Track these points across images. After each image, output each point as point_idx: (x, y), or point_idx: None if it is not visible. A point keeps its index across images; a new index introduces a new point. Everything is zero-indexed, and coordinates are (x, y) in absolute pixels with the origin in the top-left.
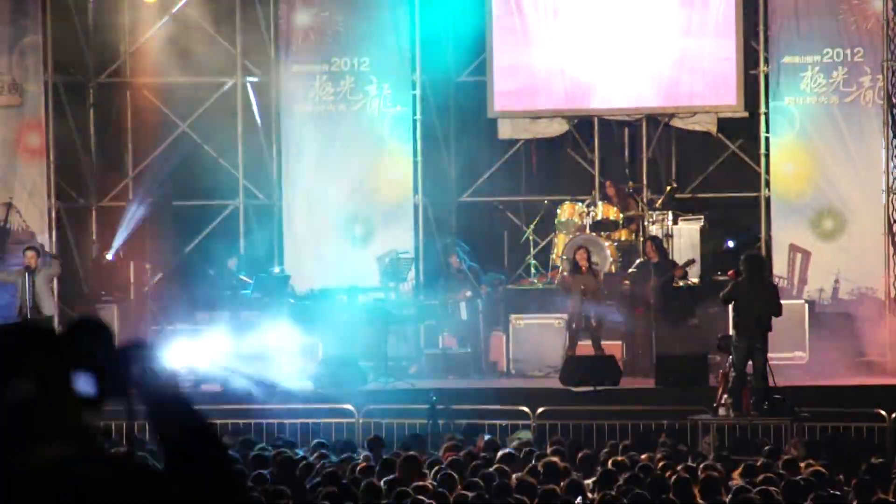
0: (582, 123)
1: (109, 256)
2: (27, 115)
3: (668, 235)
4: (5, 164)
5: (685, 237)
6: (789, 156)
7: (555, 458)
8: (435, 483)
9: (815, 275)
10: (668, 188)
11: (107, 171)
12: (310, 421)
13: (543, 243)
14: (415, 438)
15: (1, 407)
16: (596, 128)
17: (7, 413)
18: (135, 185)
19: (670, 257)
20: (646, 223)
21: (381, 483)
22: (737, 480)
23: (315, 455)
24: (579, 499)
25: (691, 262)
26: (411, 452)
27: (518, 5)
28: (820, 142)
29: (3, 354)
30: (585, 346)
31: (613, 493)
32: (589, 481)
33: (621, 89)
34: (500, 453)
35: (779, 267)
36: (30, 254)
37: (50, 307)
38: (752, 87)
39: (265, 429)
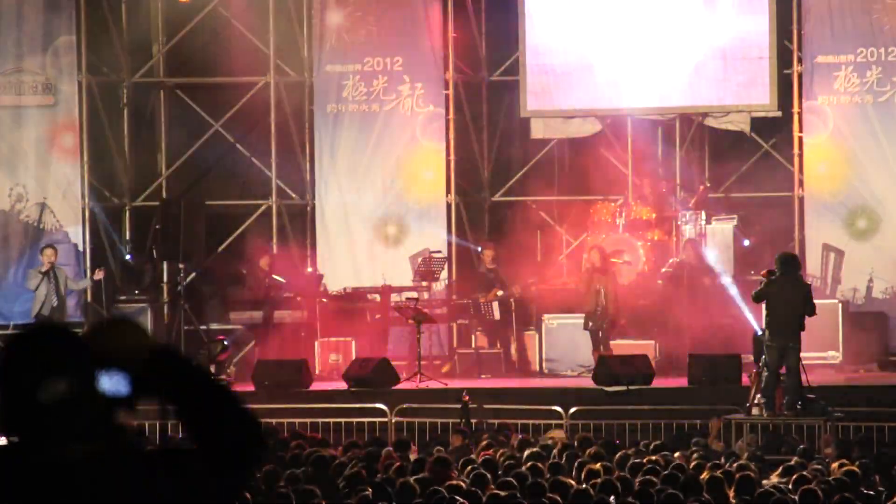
0: (615, 123)
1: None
2: (61, 115)
3: (702, 235)
4: (39, 164)
5: (718, 237)
6: (823, 155)
7: (590, 459)
8: (468, 482)
9: (849, 274)
10: (702, 188)
11: (140, 171)
12: (342, 420)
13: (576, 243)
14: (447, 438)
15: (35, 407)
16: (629, 127)
17: (41, 413)
18: (168, 185)
19: (707, 262)
20: (678, 223)
21: (414, 482)
22: (772, 481)
23: (348, 454)
24: (612, 498)
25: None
26: (443, 453)
27: (550, 5)
28: (854, 141)
29: (38, 355)
30: (617, 346)
31: (647, 492)
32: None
33: (654, 89)
34: (532, 452)
35: (812, 266)
36: (48, 252)
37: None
38: (786, 87)
39: (298, 428)
